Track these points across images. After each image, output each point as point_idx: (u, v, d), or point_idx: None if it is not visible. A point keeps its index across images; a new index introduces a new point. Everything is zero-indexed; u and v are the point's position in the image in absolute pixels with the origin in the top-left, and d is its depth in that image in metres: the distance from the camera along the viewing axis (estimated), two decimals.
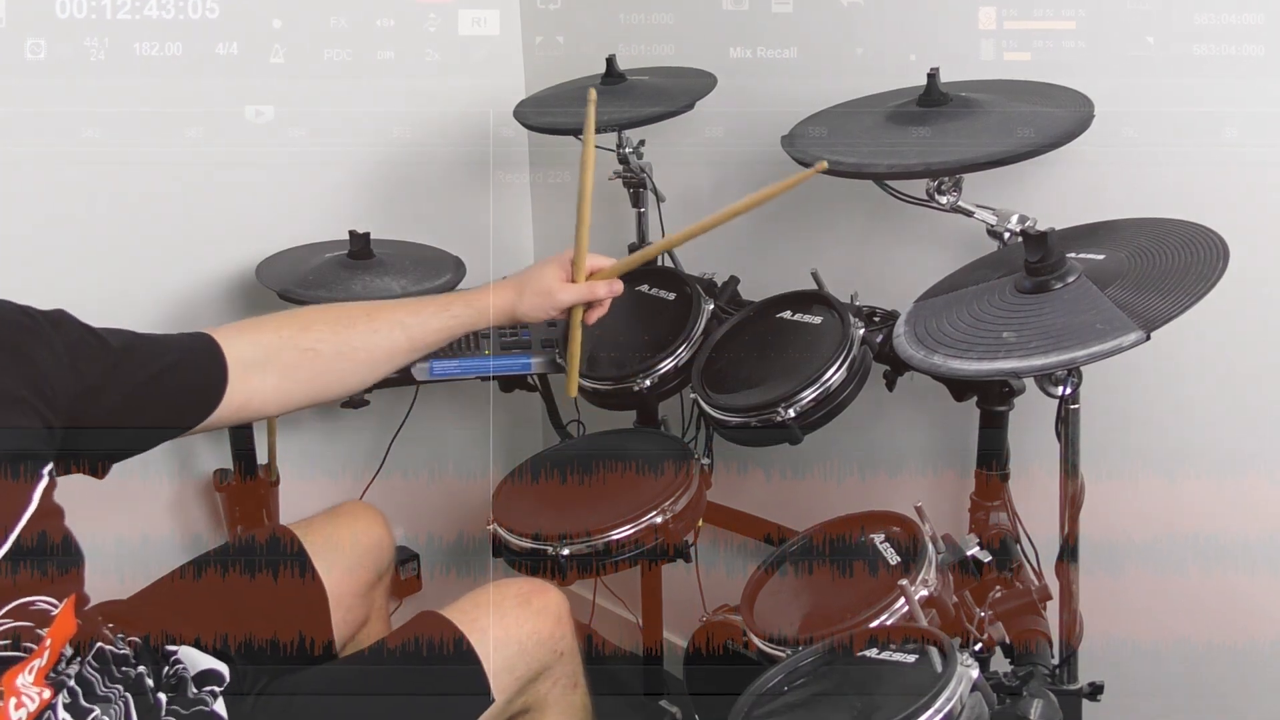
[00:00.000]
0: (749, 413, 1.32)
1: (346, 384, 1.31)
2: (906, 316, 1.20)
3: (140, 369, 1.12)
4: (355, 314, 1.31)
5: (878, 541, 1.29)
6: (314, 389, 1.28)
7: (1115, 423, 1.37)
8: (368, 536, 1.41)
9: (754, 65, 1.62)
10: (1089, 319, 1.01)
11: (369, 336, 1.29)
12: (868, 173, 1.24)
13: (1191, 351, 1.30)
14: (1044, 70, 1.32)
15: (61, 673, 1.03)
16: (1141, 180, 1.30)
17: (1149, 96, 1.27)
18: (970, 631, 1.16)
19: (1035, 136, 1.18)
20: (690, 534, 1.41)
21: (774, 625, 1.23)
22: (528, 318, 1.35)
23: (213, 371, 1.19)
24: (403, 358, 1.33)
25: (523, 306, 1.33)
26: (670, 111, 1.51)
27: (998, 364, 1.03)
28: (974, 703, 0.95)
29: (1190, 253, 1.05)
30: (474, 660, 1.15)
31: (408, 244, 1.77)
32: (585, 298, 1.33)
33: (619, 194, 1.71)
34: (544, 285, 1.32)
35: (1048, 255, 1.08)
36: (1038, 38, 1.34)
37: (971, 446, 1.39)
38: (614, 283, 1.34)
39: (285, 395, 1.25)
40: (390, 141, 1.88)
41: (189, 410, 1.18)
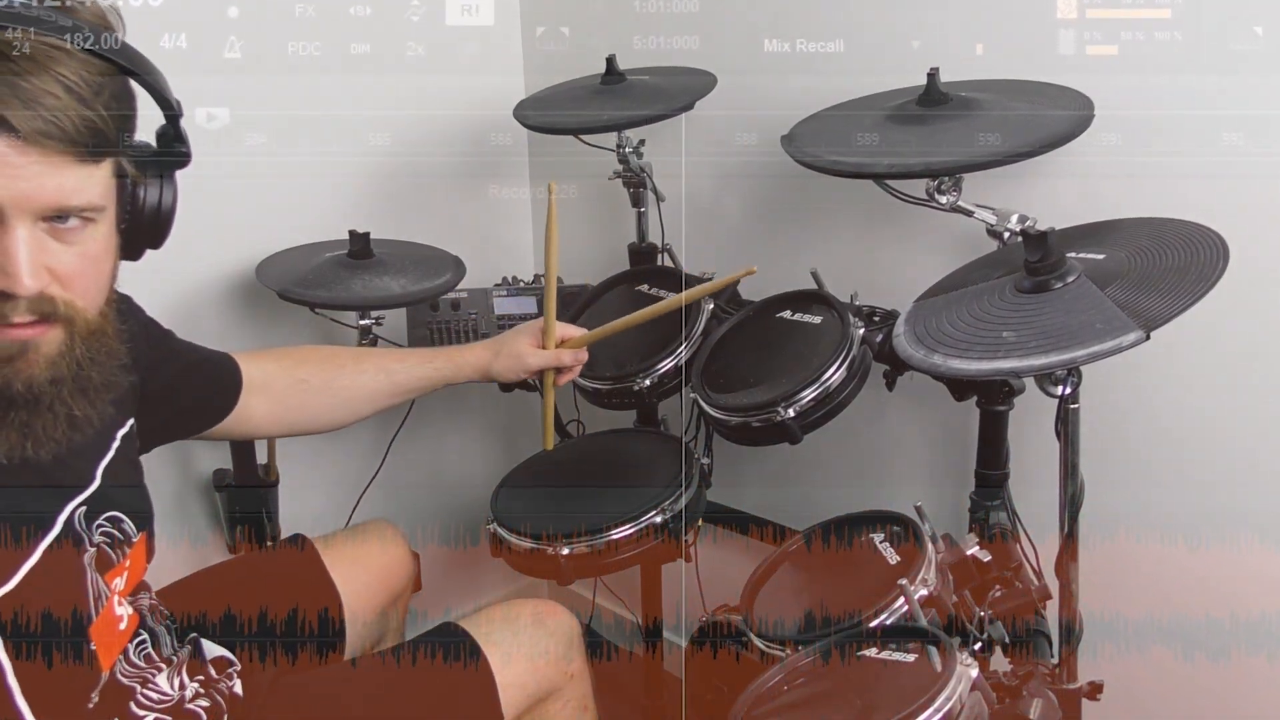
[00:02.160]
0: (749, 412, 1.32)
1: (331, 418, 1.40)
2: (906, 316, 1.20)
3: (173, 358, 1.22)
4: (346, 356, 1.43)
5: (878, 541, 1.29)
6: (301, 418, 1.38)
7: (1115, 423, 1.37)
8: (386, 555, 1.44)
9: (753, 65, 1.62)
10: (1089, 319, 1.00)
11: (355, 377, 1.38)
12: (868, 173, 1.24)
13: (1191, 351, 1.30)
14: (1132, 66, 1.25)
15: (136, 603, 1.09)
16: (1142, 180, 1.30)
17: (1149, 97, 1.27)
18: (970, 631, 1.16)
19: (1035, 136, 1.18)
20: (690, 534, 1.41)
21: (774, 625, 1.23)
22: (501, 377, 1.43)
23: (229, 382, 1.30)
24: (384, 400, 1.41)
25: (497, 365, 1.42)
26: (670, 111, 1.51)
27: (997, 364, 1.03)
28: (974, 702, 0.95)
29: (1190, 252, 1.05)
30: (488, 674, 1.17)
31: (407, 244, 1.77)
32: (552, 364, 1.41)
33: (619, 194, 1.71)
34: (516, 349, 1.41)
35: (1047, 255, 1.08)
36: (1126, 28, 1.24)
37: (971, 446, 1.39)
38: (580, 352, 1.43)
39: (276, 420, 1.35)
40: (390, 142, 1.86)
41: (207, 411, 1.29)
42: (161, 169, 0.96)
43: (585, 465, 1.60)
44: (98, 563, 0.99)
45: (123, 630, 1.04)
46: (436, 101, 1.88)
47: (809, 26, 1.56)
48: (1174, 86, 1.25)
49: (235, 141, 1.57)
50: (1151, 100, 1.27)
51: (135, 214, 0.95)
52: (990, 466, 1.37)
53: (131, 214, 0.95)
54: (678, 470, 1.42)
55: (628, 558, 1.37)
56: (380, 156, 1.88)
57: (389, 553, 1.44)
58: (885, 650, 1.05)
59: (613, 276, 1.71)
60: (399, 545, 1.46)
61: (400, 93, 1.83)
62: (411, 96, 1.84)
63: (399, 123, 1.86)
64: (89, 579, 0.98)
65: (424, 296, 1.64)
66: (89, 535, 0.99)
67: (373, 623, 1.40)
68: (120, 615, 1.04)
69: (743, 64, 1.61)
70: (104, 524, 1.01)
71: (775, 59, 1.60)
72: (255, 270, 1.65)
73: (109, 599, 1.01)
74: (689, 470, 1.43)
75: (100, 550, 1.00)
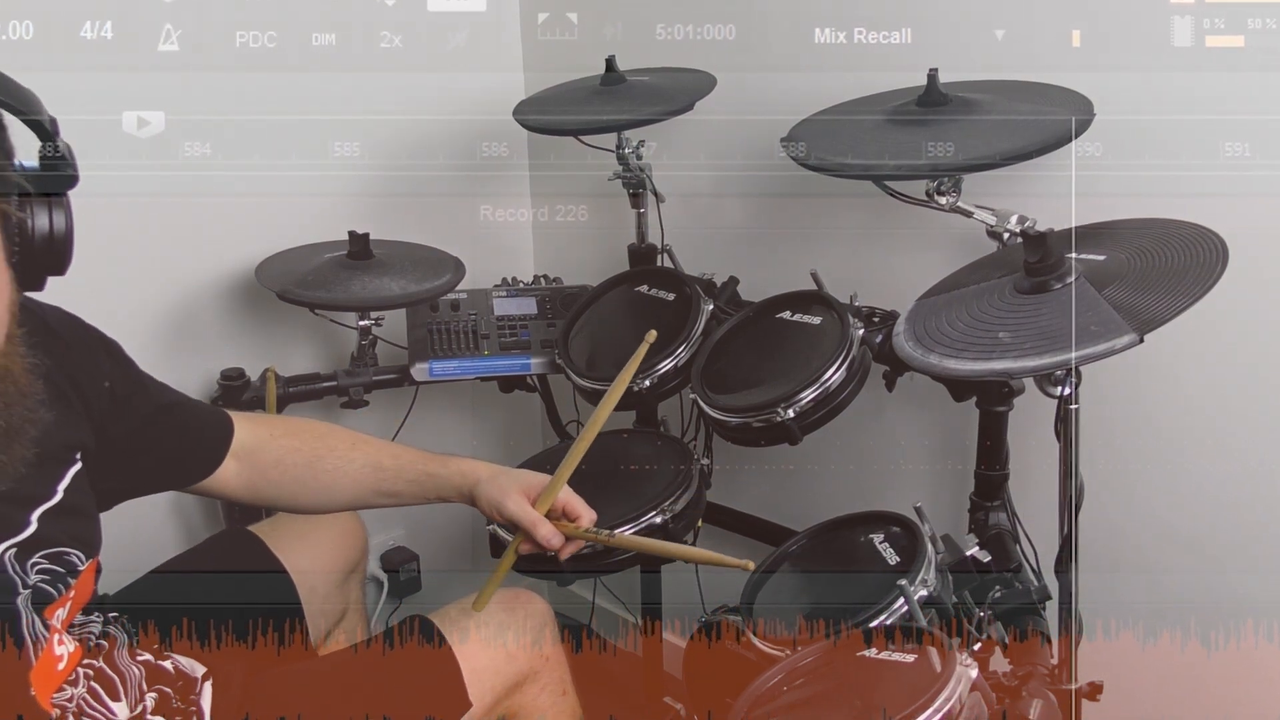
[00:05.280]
0: (749, 413, 1.32)
1: (309, 500, 1.29)
2: (907, 315, 1.20)
3: (146, 405, 1.16)
4: (340, 438, 1.30)
5: (877, 541, 1.29)
6: (278, 495, 1.28)
7: (1115, 423, 1.37)
8: (334, 527, 1.41)
9: (754, 65, 1.62)
10: (1084, 320, 1.01)
11: (342, 463, 1.27)
12: (868, 173, 1.24)
13: (1191, 352, 1.30)
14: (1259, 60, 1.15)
15: (84, 628, 1.07)
16: (1142, 180, 1.30)
17: (1148, 96, 1.27)
18: (970, 631, 1.16)
19: (1035, 136, 1.18)
20: (690, 534, 1.41)
21: (774, 625, 1.23)
22: (481, 507, 1.26)
23: (214, 440, 1.23)
24: (367, 495, 1.29)
25: (482, 488, 1.25)
26: (670, 111, 1.51)
27: (992, 364, 1.03)
28: (974, 703, 0.95)
29: (1190, 254, 1.05)
30: (453, 664, 1.16)
31: (407, 244, 1.77)
32: (527, 525, 1.21)
33: (619, 194, 1.71)
34: (504, 486, 1.23)
35: (1047, 256, 1.08)
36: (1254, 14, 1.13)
37: (971, 446, 1.39)
38: (559, 537, 1.22)
39: (250, 489, 1.26)
40: (391, 142, 1.86)
41: (184, 465, 1.22)
42: (48, 193, 0.88)
43: (585, 465, 1.59)
44: (34, 601, 0.95)
45: (60, 670, 1.00)
46: (430, 104, 1.81)
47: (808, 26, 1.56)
48: (1175, 87, 1.25)
49: (231, 144, 1.47)
50: (1152, 100, 1.27)
51: (25, 245, 0.88)
52: (990, 467, 1.37)
53: (21, 245, 0.88)
54: (678, 471, 1.42)
55: (628, 558, 1.37)
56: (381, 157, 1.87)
57: (336, 523, 1.41)
58: (885, 650, 1.05)
59: (612, 277, 1.71)
60: (347, 514, 1.42)
61: (376, 92, 1.69)
62: (397, 96, 1.75)
63: (400, 124, 1.85)
64: (24, 621, 0.93)
65: (424, 297, 1.64)
66: (23, 578, 0.94)
67: (332, 596, 1.39)
68: (60, 655, 1.00)
69: (743, 64, 1.61)
70: (40, 562, 0.97)
71: (775, 59, 1.60)
72: (255, 271, 1.65)
73: (48, 640, 0.97)
74: (688, 471, 1.43)
75: (37, 589, 0.96)
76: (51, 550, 0.98)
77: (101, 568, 1.10)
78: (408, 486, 1.28)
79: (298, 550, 1.36)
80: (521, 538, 1.23)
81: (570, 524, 1.23)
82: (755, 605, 1.29)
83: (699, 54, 1.61)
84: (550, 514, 1.23)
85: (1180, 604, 1.41)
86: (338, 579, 1.41)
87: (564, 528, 1.22)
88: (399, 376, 1.71)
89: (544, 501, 1.22)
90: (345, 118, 1.56)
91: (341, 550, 1.42)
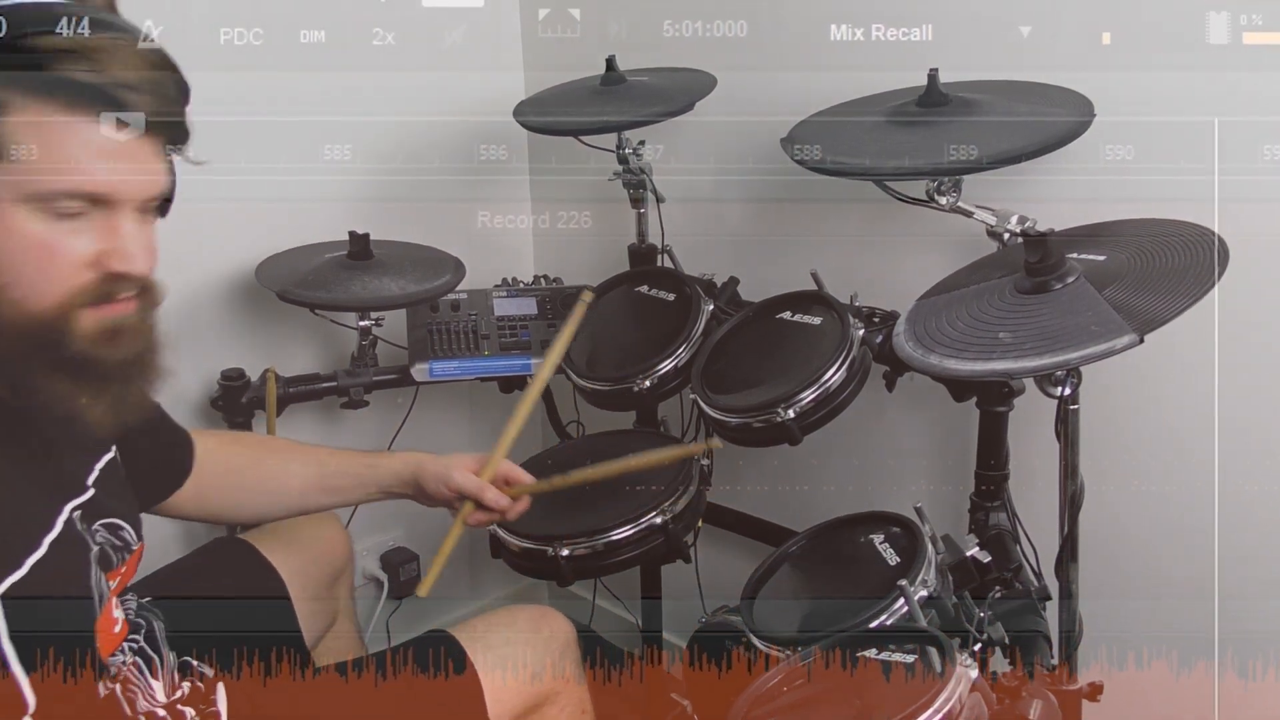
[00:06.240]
0: (749, 413, 1.32)
1: (255, 506, 1.32)
2: (907, 315, 1.20)
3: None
4: (280, 444, 1.38)
5: (877, 542, 1.29)
6: (224, 506, 1.30)
7: (1115, 423, 1.37)
8: (319, 531, 1.43)
9: (764, 63, 1.61)
10: (1084, 320, 1.01)
11: (285, 464, 1.30)
12: (868, 173, 1.24)
13: (1191, 351, 1.30)
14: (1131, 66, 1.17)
15: (126, 605, 1.10)
16: (1142, 180, 1.30)
17: (1148, 96, 1.27)
18: (970, 632, 1.16)
19: (1035, 137, 1.18)
20: (690, 534, 1.41)
21: (774, 626, 1.23)
22: (427, 487, 1.29)
23: (181, 456, 1.24)
24: (315, 494, 1.31)
25: (426, 467, 1.29)
26: (670, 111, 1.51)
27: (991, 364, 1.03)
28: (974, 703, 0.96)
29: (1190, 254, 1.05)
30: (474, 681, 1.16)
31: (407, 245, 1.77)
32: (473, 493, 1.26)
33: (619, 194, 1.71)
34: (448, 462, 1.29)
35: (1047, 256, 1.08)
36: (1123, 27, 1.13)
37: (971, 446, 1.39)
38: (505, 500, 1.28)
39: (198, 502, 1.26)
40: (389, 142, 1.85)
41: (161, 478, 1.22)
42: None
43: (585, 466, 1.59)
44: (100, 561, 1.00)
45: (117, 633, 1.04)
46: (428, 102, 1.79)
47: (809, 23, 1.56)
48: (1174, 87, 1.25)
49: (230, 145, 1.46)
50: (1152, 100, 1.27)
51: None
52: (990, 467, 1.37)
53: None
54: (678, 471, 1.42)
55: (628, 558, 1.37)
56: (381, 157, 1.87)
57: (321, 529, 1.43)
58: (885, 651, 1.05)
59: (612, 278, 1.71)
60: (329, 521, 1.44)
61: (369, 92, 1.67)
62: (391, 96, 1.73)
63: (395, 126, 1.84)
64: (93, 575, 0.98)
65: (424, 297, 1.64)
66: (90, 537, 0.99)
67: (323, 601, 1.40)
68: (116, 618, 1.04)
69: (752, 61, 1.61)
70: (101, 529, 1.01)
71: (786, 56, 1.60)
72: (255, 271, 1.65)
73: (108, 599, 1.01)
74: (688, 471, 1.43)
75: (103, 551, 1.01)
76: (108, 520, 1.02)
77: (142, 557, 1.12)
78: (352, 481, 1.31)
79: (286, 555, 1.37)
80: (471, 507, 1.27)
81: (517, 489, 1.29)
82: (755, 605, 1.29)
83: (706, 50, 1.58)
84: (494, 484, 1.28)
85: (1181, 604, 1.41)
86: (326, 582, 1.42)
87: (509, 491, 1.28)
88: (399, 377, 1.71)
89: (487, 471, 1.28)
90: (343, 119, 1.59)
91: (326, 554, 1.43)
